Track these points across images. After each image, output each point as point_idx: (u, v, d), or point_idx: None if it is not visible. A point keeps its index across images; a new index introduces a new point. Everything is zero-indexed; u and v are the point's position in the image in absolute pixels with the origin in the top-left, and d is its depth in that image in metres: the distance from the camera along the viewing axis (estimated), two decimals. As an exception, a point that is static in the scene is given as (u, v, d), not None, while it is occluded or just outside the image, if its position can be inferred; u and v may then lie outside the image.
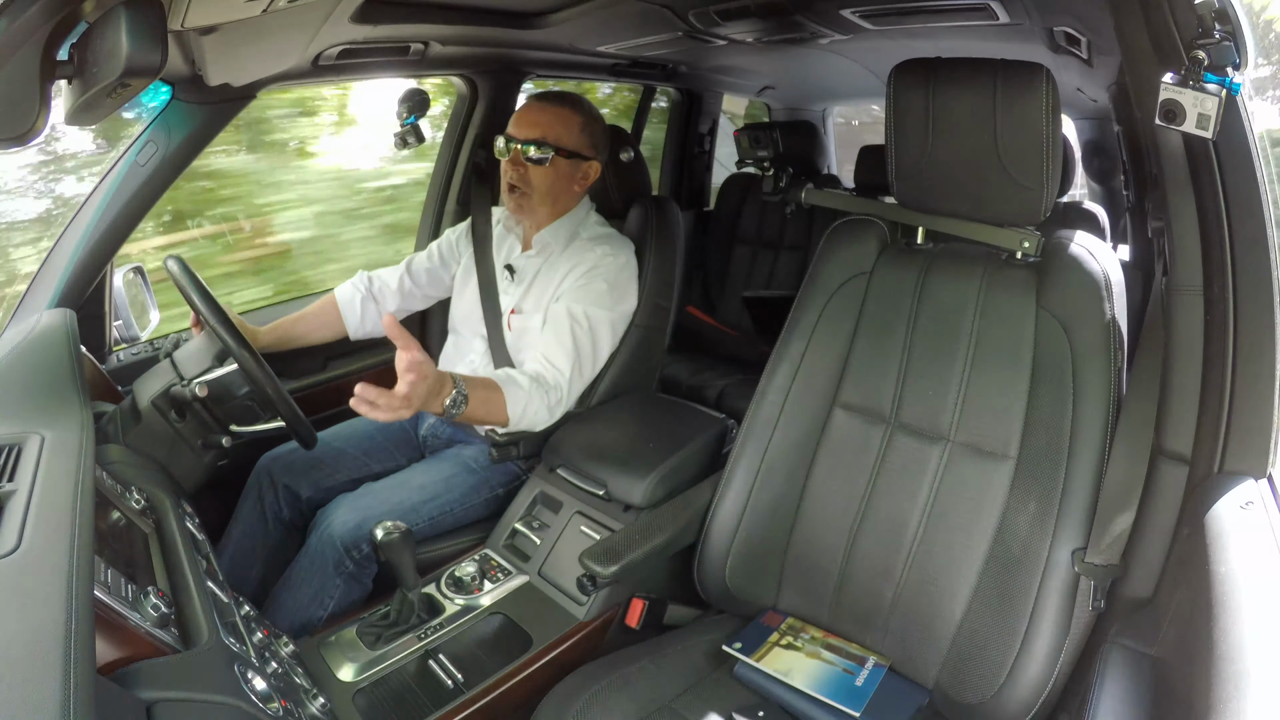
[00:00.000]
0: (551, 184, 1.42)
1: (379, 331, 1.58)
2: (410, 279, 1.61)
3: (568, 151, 1.41)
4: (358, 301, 1.56)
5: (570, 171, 1.43)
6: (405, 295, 1.61)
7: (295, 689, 0.90)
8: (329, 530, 1.27)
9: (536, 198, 1.42)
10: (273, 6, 0.94)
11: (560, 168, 1.41)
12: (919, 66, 1.04)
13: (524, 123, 1.40)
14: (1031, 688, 0.93)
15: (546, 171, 1.40)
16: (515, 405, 1.26)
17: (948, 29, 1.58)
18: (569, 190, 1.46)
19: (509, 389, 1.26)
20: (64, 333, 1.07)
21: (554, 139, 1.39)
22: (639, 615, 1.19)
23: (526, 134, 1.39)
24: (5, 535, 0.62)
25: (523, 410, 1.27)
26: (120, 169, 1.30)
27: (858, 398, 1.14)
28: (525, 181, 1.41)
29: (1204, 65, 0.75)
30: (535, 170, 1.40)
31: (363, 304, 1.56)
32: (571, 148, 1.41)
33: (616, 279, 1.43)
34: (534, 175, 1.40)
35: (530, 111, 1.41)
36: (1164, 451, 0.91)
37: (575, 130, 1.41)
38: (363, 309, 1.56)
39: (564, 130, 1.40)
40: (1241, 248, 0.84)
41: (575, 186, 1.46)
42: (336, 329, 1.55)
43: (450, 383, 1.14)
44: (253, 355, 1.13)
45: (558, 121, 1.40)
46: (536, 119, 1.40)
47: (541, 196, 1.43)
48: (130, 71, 0.66)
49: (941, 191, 1.08)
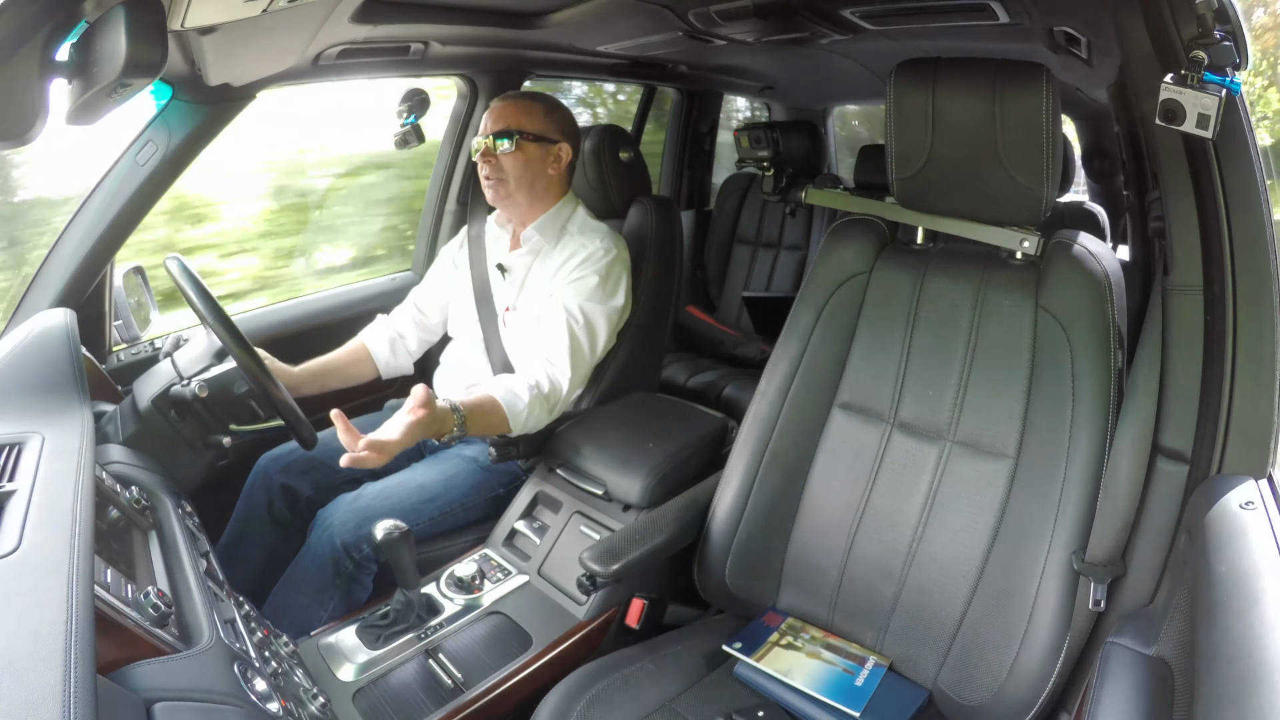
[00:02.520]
0: (524, 168, 1.46)
1: (408, 369, 1.63)
2: (420, 311, 1.64)
3: (533, 135, 1.45)
4: (387, 343, 1.59)
5: (541, 155, 1.47)
6: (421, 328, 1.64)
7: (295, 689, 0.90)
8: (329, 530, 1.27)
9: (512, 183, 1.46)
10: (273, 6, 0.94)
11: (529, 151, 1.46)
12: (919, 66, 1.04)
13: (489, 120, 1.46)
14: (1031, 687, 0.93)
15: (516, 157, 1.45)
16: (517, 419, 1.29)
17: (948, 29, 1.58)
18: (543, 174, 1.49)
19: (510, 405, 1.28)
20: (64, 333, 1.07)
21: (517, 125, 1.44)
22: (639, 615, 1.19)
23: (493, 127, 1.45)
24: (5, 535, 0.62)
25: (524, 420, 1.31)
26: (120, 169, 1.30)
27: (857, 397, 1.14)
28: (499, 170, 1.45)
29: (1204, 65, 0.75)
30: (506, 158, 1.45)
31: (392, 345, 1.59)
32: (536, 131, 1.46)
33: (608, 272, 1.44)
34: (505, 163, 1.45)
35: (493, 110, 1.47)
36: (1164, 451, 0.91)
37: (538, 117, 1.47)
38: (393, 349, 1.59)
39: (526, 117, 1.45)
40: (1241, 248, 0.84)
41: (549, 170, 1.49)
42: (369, 370, 1.58)
43: (450, 419, 1.17)
44: (252, 355, 1.13)
45: (519, 111, 1.46)
46: (501, 113, 1.46)
47: (517, 181, 1.46)
48: (130, 71, 0.66)
49: (941, 191, 1.08)
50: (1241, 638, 0.62)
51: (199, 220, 2.53)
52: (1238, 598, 0.66)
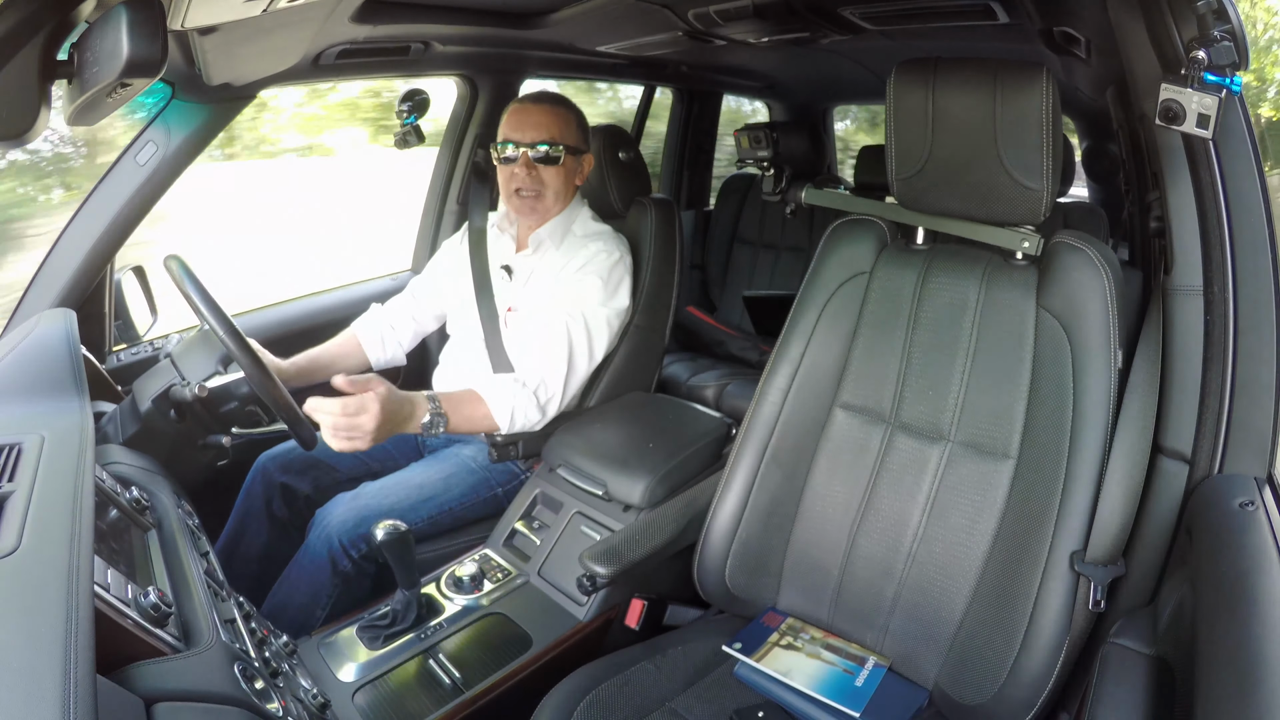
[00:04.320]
0: (564, 182, 1.46)
1: (400, 360, 1.63)
2: (417, 302, 1.64)
3: (572, 148, 1.45)
4: (377, 333, 1.59)
5: (575, 167, 1.48)
6: (416, 319, 1.64)
7: (295, 689, 0.90)
8: (328, 530, 1.27)
9: (550, 197, 1.46)
10: (273, 6, 0.94)
11: (569, 165, 1.46)
12: (919, 66, 1.04)
13: (528, 125, 1.42)
14: (1031, 688, 0.92)
15: (559, 171, 1.44)
16: (502, 412, 1.29)
17: (948, 29, 1.58)
18: (572, 186, 1.50)
19: (492, 397, 1.28)
20: (64, 333, 1.07)
21: (561, 137, 1.43)
22: (639, 616, 1.19)
23: (534, 136, 1.41)
24: (5, 535, 0.62)
25: (511, 415, 1.30)
26: (120, 169, 1.30)
27: (858, 397, 1.14)
28: (539, 183, 1.43)
29: (1204, 65, 0.75)
30: (548, 171, 1.43)
31: (382, 334, 1.59)
32: (574, 144, 1.46)
33: (610, 274, 1.44)
34: (547, 176, 1.43)
35: (531, 114, 1.43)
36: (1164, 451, 0.91)
37: (574, 127, 1.46)
38: (383, 339, 1.59)
39: (565, 128, 1.44)
40: (1241, 248, 0.84)
41: (577, 180, 1.50)
42: (359, 360, 1.58)
43: (423, 404, 1.17)
44: (252, 356, 1.13)
45: (559, 120, 1.43)
46: (540, 120, 1.42)
47: (555, 195, 1.46)
48: (130, 71, 0.66)
49: (942, 191, 1.07)
50: (1241, 638, 0.62)
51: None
52: (1238, 598, 0.66)
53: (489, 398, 1.28)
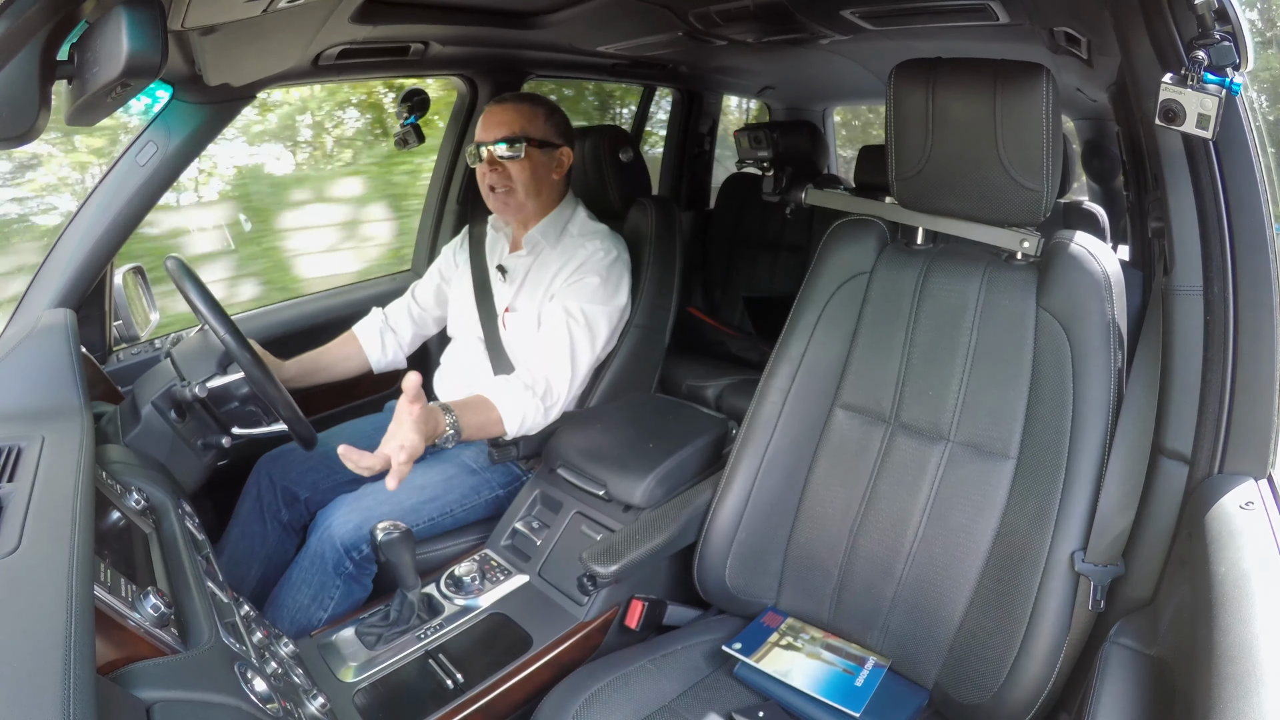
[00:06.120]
0: (531, 175, 1.44)
1: (400, 362, 1.62)
2: (418, 304, 1.64)
3: (538, 141, 1.44)
4: (377, 335, 1.59)
5: (545, 160, 1.46)
6: (417, 322, 1.64)
7: (295, 689, 0.90)
8: (329, 531, 1.27)
9: (521, 192, 1.45)
10: (273, 6, 0.94)
11: (535, 158, 1.44)
12: (919, 67, 1.04)
13: (489, 125, 1.43)
14: (1031, 688, 0.93)
15: (523, 164, 1.43)
16: (512, 420, 1.29)
17: (948, 29, 1.58)
18: (549, 180, 1.48)
19: (502, 404, 1.28)
20: (64, 333, 1.07)
21: (522, 131, 1.42)
22: (638, 616, 1.19)
23: (495, 134, 1.42)
24: (5, 535, 0.62)
25: (520, 421, 1.30)
26: (120, 169, 1.30)
27: (858, 398, 1.14)
28: (506, 179, 1.43)
29: (1204, 65, 0.75)
30: (512, 165, 1.43)
31: (382, 336, 1.59)
32: (541, 137, 1.44)
33: (608, 274, 1.44)
34: (512, 170, 1.43)
35: (495, 113, 1.44)
36: (1164, 451, 0.91)
37: (540, 121, 1.45)
38: (383, 341, 1.59)
39: (529, 123, 1.43)
40: (1241, 248, 0.84)
41: (554, 175, 1.49)
42: (359, 362, 1.58)
43: (442, 418, 1.17)
44: (253, 357, 1.13)
45: (521, 116, 1.43)
46: (502, 118, 1.43)
47: (525, 189, 1.45)
48: (130, 71, 0.66)
49: (941, 191, 1.08)
50: (1241, 638, 0.62)
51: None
52: (1238, 598, 0.66)
53: (499, 405, 1.28)
